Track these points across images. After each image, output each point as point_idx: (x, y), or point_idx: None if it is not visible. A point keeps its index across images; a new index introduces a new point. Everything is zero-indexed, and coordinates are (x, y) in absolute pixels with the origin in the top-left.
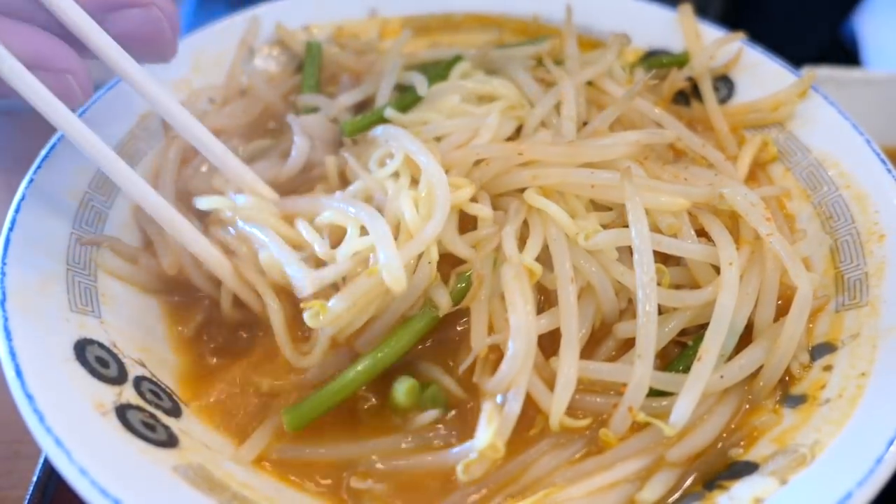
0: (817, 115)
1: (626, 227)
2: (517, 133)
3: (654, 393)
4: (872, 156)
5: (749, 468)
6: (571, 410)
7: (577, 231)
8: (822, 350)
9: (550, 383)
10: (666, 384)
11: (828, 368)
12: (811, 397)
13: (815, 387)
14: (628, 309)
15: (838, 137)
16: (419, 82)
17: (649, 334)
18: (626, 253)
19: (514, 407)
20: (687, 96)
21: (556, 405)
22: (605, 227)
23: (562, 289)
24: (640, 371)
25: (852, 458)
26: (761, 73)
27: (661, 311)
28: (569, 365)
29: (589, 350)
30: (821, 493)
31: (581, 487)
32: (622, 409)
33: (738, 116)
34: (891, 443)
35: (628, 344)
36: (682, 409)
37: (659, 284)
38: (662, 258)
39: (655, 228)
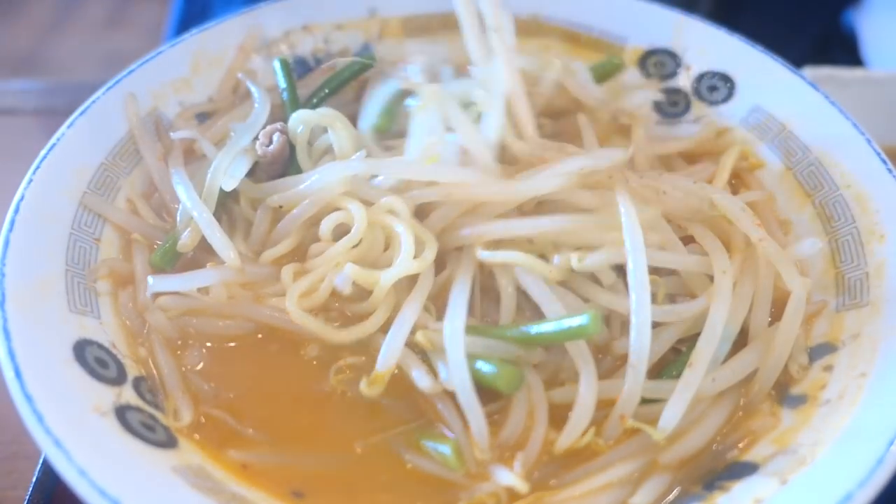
0: (818, 114)
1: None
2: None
3: (647, 399)
4: (873, 156)
5: (749, 469)
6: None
7: (549, 270)
8: (822, 350)
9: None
10: (657, 392)
11: (828, 369)
12: (811, 398)
13: (815, 387)
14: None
15: (839, 137)
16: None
17: (642, 346)
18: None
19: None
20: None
21: (565, 437)
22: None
23: None
24: (632, 380)
25: (852, 459)
26: (761, 72)
27: (656, 323)
28: (583, 404)
29: None
30: (821, 494)
31: (572, 491)
32: (614, 417)
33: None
34: (891, 443)
35: (625, 358)
36: (671, 414)
37: (654, 295)
38: (655, 268)
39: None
